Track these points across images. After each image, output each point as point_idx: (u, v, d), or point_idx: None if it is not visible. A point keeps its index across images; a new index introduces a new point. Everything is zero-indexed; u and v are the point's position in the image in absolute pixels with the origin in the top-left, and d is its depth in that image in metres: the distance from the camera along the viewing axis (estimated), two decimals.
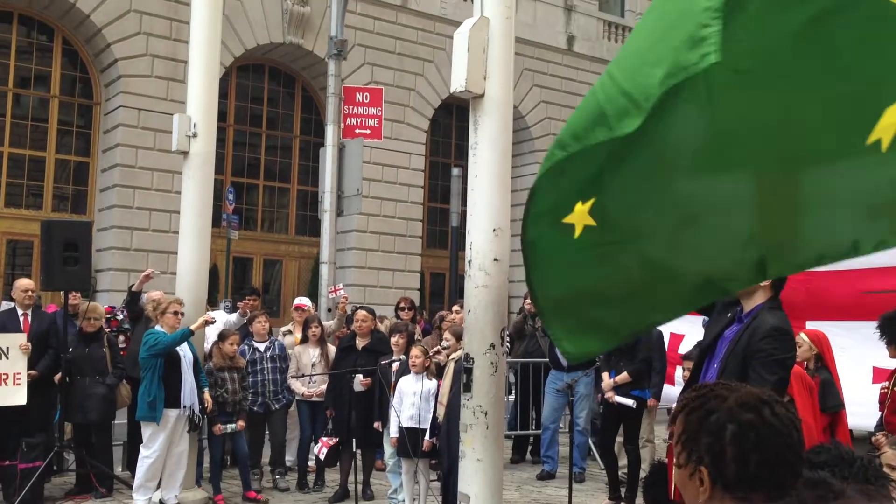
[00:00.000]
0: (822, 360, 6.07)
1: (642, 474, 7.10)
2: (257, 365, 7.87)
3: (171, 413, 6.91)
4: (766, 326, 4.09)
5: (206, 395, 7.19)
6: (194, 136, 7.53)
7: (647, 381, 7.40)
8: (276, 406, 7.91)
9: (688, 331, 7.64)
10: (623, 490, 7.35)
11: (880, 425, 5.51)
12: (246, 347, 7.90)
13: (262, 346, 7.97)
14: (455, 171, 15.79)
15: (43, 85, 16.78)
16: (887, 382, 5.63)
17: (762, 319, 4.13)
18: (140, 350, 7.02)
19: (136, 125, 16.30)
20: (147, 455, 6.87)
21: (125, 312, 8.80)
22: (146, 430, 6.93)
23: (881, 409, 5.54)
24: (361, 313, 7.73)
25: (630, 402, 7.14)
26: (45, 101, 16.76)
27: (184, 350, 7.04)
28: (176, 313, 7.05)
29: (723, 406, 1.70)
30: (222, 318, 8.54)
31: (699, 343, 4.55)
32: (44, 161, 16.59)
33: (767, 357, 4.05)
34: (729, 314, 4.33)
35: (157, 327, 7.05)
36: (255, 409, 7.77)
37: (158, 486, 7.03)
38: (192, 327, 7.05)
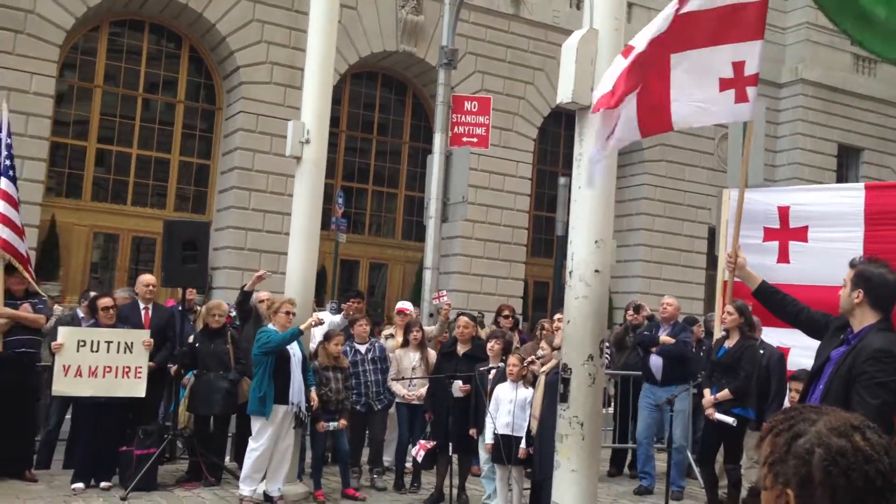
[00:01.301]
0: None
1: (743, 495, 6.93)
2: (358, 366, 8.07)
3: (280, 409, 7.17)
4: (871, 348, 3.97)
5: (313, 394, 7.42)
6: (307, 142, 7.81)
7: (750, 399, 7.20)
8: (378, 406, 8.09)
9: (793, 343, 7.40)
10: None
11: None
12: (347, 349, 8.11)
13: (362, 348, 8.18)
14: (562, 181, 15.72)
15: (170, 90, 17.67)
16: None
17: (868, 341, 4.01)
18: (253, 347, 7.33)
19: (255, 130, 16.95)
20: (255, 448, 7.16)
21: (235, 310, 9.17)
22: (255, 424, 7.22)
23: None
24: (464, 319, 7.84)
25: (730, 420, 6.97)
26: (171, 105, 17.64)
27: (294, 349, 7.29)
28: (288, 313, 7.31)
29: (811, 429, 1.69)
30: (328, 319, 8.80)
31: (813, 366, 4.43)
32: (168, 163, 17.46)
33: (870, 380, 3.93)
34: (841, 336, 4.21)
35: (270, 326, 7.34)
36: (358, 408, 7.97)
37: (263, 479, 7.32)
38: (302, 327, 7.30)
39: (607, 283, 5.82)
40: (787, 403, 6.86)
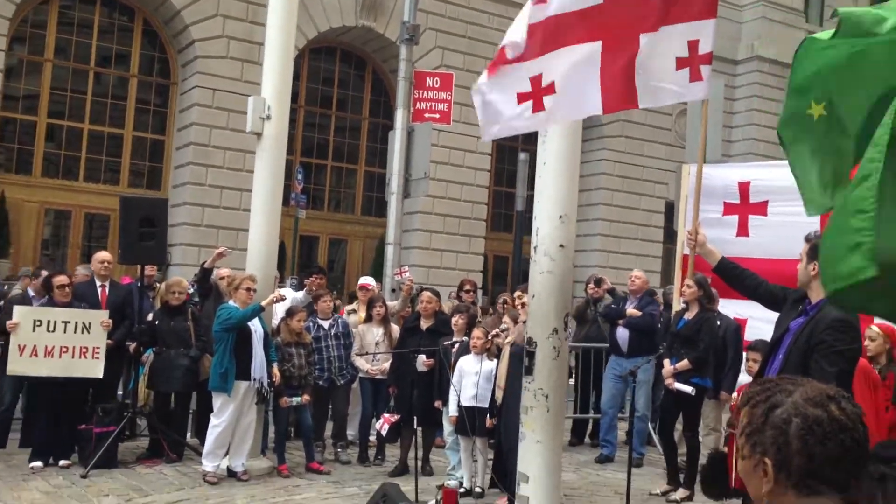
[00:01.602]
0: (893, 354, 5.97)
1: (702, 461, 7.08)
2: (322, 342, 8.06)
3: (242, 385, 7.15)
4: (829, 318, 4.06)
5: (275, 370, 7.41)
6: (268, 118, 7.72)
7: (708, 369, 7.35)
8: (341, 381, 8.10)
9: (750, 314, 7.56)
10: (682, 477, 7.34)
11: None
12: (311, 324, 8.10)
13: (325, 324, 8.16)
14: (522, 156, 15.81)
15: (122, 64, 17.31)
16: None
17: (826, 311, 4.10)
18: (213, 324, 7.28)
19: (211, 105, 16.70)
20: (217, 424, 7.13)
21: (195, 287, 9.09)
22: (217, 400, 7.19)
23: None
24: (427, 295, 7.86)
25: (689, 389, 7.12)
26: (124, 79, 17.28)
27: (255, 325, 7.27)
28: (248, 289, 7.28)
29: (788, 400, 1.73)
30: (290, 296, 8.76)
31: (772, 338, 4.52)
32: (121, 138, 17.13)
33: (828, 348, 4.02)
34: (800, 308, 4.30)
35: (231, 302, 7.29)
36: (321, 383, 7.98)
37: (226, 455, 7.30)
38: (263, 303, 7.27)
39: (571, 257, 5.87)
40: (743, 373, 7.01)
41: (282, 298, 7.70)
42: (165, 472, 7.36)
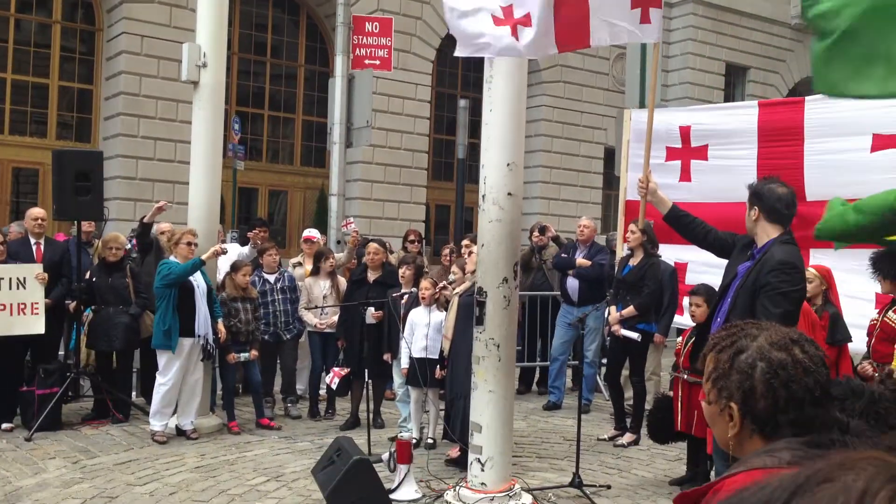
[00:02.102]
0: (829, 295, 6.15)
1: (647, 406, 7.25)
2: (268, 296, 7.96)
3: (186, 342, 7.04)
4: (774, 260, 4.14)
5: (220, 326, 7.30)
6: (204, 65, 7.48)
7: (653, 314, 7.48)
8: (287, 336, 8.03)
9: (690, 258, 7.71)
10: (628, 421, 7.51)
11: (867, 355, 5.61)
12: (256, 279, 7.98)
13: (272, 278, 8.05)
14: (462, 103, 15.61)
15: (44, 9, 16.52)
16: (877, 313, 5.71)
17: (771, 253, 4.18)
18: (154, 280, 7.12)
19: (140, 52, 16.09)
20: (163, 383, 7.02)
21: (133, 242, 8.86)
22: (161, 359, 7.07)
23: (868, 339, 5.62)
24: (374, 246, 7.79)
25: (635, 335, 7.23)
26: (46, 26, 16.52)
27: (197, 280, 7.13)
28: (189, 244, 7.12)
29: (752, 344, 1.76)
30: (235, 250, 8.60)
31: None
32: (47, 88, 16.44)
33: (773, 290, 4.10)
34: (748, 253, 4.37)
35: (171, 258, 7.13)
36: (267, 338, 7.90)
37: (174, 414, 7.20)
38: (204, 257, 7.13)
39: (520, 205, 5.85)
40: (686, 316, 7.15)
41: (223, 252, 7.56)
42: (112, 432, 7.24)
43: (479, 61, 5.80)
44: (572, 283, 8.69)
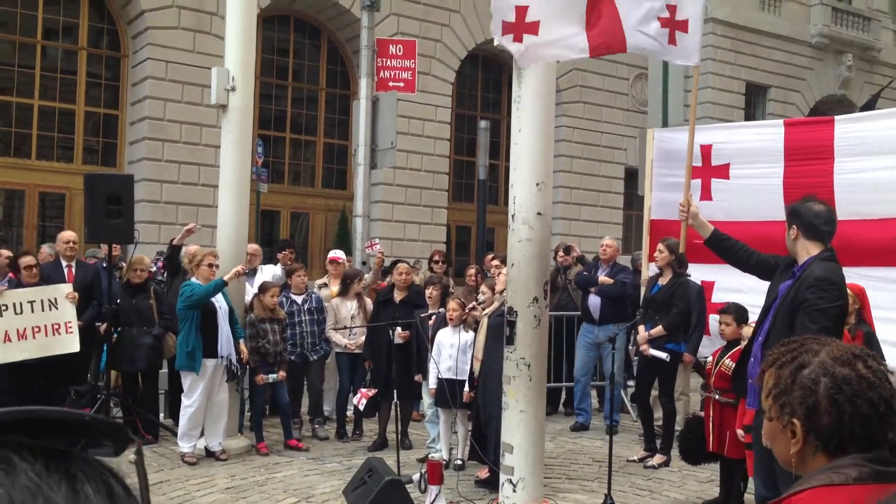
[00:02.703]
0: (862, 314, 6.09)
1: (677, 427, 7.19)
2: (295, 317, 7.99)
3: (209, 363, 7.06)
4: (813, 276, 4.14)
5: (242, 346, 7.32)
6: (233, 89, 7.56)
7: (681, 334, 7.43)
8: (314, 357, 8.04)
9: (717, 277, 7.65)
10: (658, 442, 7.44)
11: None
12: (284, 300, 8.02)
13: (299, 299, 8.09)
14: (482, 124, 15.67)
15: (70, 37, 16.77)
16: None
17: (811, 270, 4.18)
18: (177, 302, 7.16)
19: (165, 77, 16.29)
20: (188, 404, 7.04)
21: (159, 264, 8.93)
22: (186, 380, 7.10)
23: None
24: (403, 266, 7.81)
25: (664, 355, 7.19)
26: (72, 53, 16.76)
27: (219, 302, 7.17)
28: (210, 265, 7.17)
29: (815, 360, 1.74)
30: (269, 272, 8.65)
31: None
32: (73, 114, 16.65)
33: (811, 307, 4.09)
34: (790, 272, 4.36)
35: (193, 279, 7.17)
36: (294, 359, 7.92)
37: (203, 435, 7.22)
38: (226, 278, 7.16)
39: (549, 225, 5.87)
40: (715, 335, 7.10)
41: (244, 272, 7.53)
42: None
43: (498, 83, 5.88)
44: (594, 301, 8.66)
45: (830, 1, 24.03)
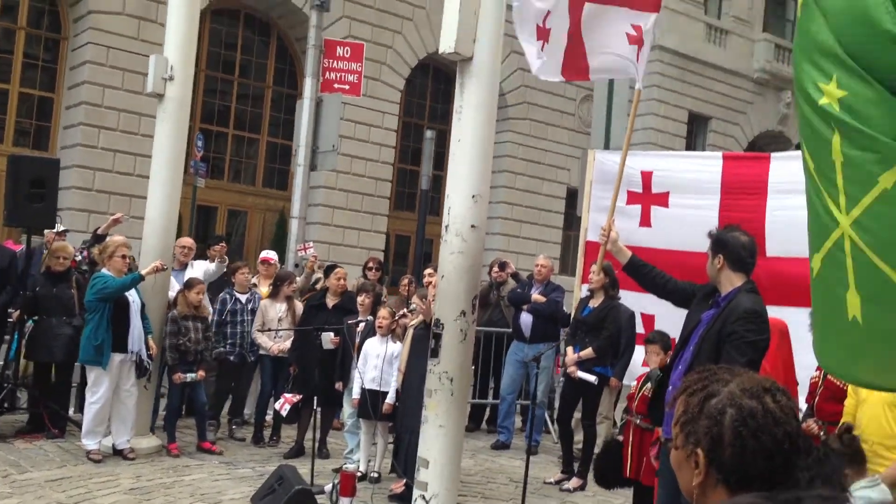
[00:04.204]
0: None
1: (597, 450, 7.16)
2: (238, 316, 7.82)
3: (116, 357, 6.80)
4: (741, 308, 4.14)
5: (151, 342, 7.08)
6: (171, 79, 7.35)
7: (610, 358, 7.42)
8: (251, 358, 7.89)
9: (657, 312, 7.67)
10: (576, 465, 7.41)
11: (809, 413, 5.55)
12: (227, 296, 7.84)
13: (243, 298, 7.91)
14: (428, 134, 15.63)
15: (9, 16, 16.23)
16: (817, 372, 5.68)
17: (738, 301, 4.18)
18: (87, 293, 6.90)
19: (105, 63, 15.87)
20: (94, 400, 6.77)
21: (83, 254, 8.62)
22: (91, 374, 6.86)
23: (808, 400, 5.56)
24: (342, 271, 7.67)
25: (592, 378, 7.16)
26: (10, 31, 16.22)
27: (133, 295, 6.94)
28: (124, 257, 6.94)
29: (724, 390, 1.69)
30: (202, 268, 8.40)
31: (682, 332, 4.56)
32: (7, 94, 16.11)
33: (740, 339, 4.10)
34: (710, 301, 4.36)
35: (104, 270, 6.91)
36: (232, 359, 7.75)
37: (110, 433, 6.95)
38: (143, 272, 6.93)
39: (483, 238, 5.80)
40: (639, 362, 7.11)
41: (163, 268, 7.26)
42: (46, 448, 6.96)
43: (447, 94, 5.91)
44: (525, 319, 8.63)
45: (774, 38, 24.65)
